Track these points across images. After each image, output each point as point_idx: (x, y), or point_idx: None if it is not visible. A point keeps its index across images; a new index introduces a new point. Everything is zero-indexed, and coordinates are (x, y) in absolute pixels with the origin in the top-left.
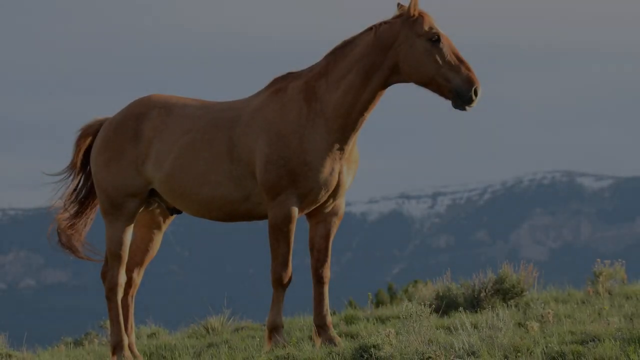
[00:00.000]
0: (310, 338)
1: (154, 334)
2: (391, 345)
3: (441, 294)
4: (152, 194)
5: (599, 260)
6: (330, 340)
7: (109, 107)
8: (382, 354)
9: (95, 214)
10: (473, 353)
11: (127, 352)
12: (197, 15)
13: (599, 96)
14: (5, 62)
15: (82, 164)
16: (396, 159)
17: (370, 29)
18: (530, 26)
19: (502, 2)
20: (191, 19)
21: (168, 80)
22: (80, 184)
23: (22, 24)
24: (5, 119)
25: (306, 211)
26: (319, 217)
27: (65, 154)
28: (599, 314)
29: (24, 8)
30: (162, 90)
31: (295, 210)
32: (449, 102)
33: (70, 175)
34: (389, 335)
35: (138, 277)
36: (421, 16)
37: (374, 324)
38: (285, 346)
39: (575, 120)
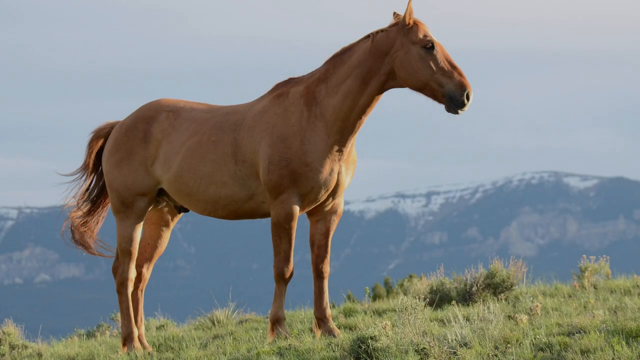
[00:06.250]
0: (311, 330)
1: (163, 326)
2: (387, 336)
3: (435, 288)
4: (161, 193)
5: (584, 256)
6: (330, 332)
7: (119, 110)
8: (379, 345)
9: (106, 212)
10: (465, 344)
11: (137, 343)
12: (203, 23)
13: (585, 100)
14: (21, 66)
15: (94, 165)
16: (392, 160)
17: (368, 36)
18: (521, 33)
19: (495, 9)
20: (198, 27)
21: (176, 85)
22: (92, 184)
23: (36, 29)
24: (21, 122)
25: (307, 209)
26: (319, 215)
27: (78, 155)
28: (585, 307)
29: (37, 13)
30: (171, 95)
31: (296, 208)
32: (442, 106)
33: (83, 175)
34: (385, 327)
35: (147, 272)
36: (416, 24)
37: (371, 316)
38: (287, 338)
39: (562, 123)
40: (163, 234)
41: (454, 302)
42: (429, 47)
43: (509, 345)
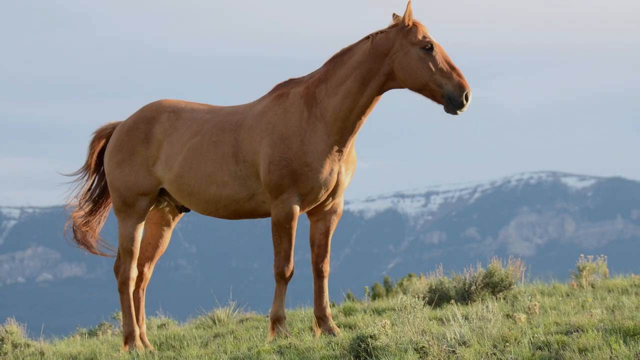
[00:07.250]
0: (311, 329)
1: (164, 324)
2: (387, 335)
3: (434, 287)
4: (162, 193)
5: (582, 255)
6: (330, 331)
7: (121, 110)
8: (378, 343)
9: (108, 212)
10: (464, 343)
11: (138, 342)
12: (203, 24)
13: (583, 100)
14: (23, 68)
15: (96, 165)
16: (392, 160)
17: (367, 37)
18: (521, 33)
19: (494, 8)
20: (198, 29)
21: (177, 86)
22: (94, 184)
23: (36, 29)
24: (23, 122)
25: (307, 209)
26: (319, 214)
27: (80, 155)
28: (583, 306)
29: (38, 14)
30: (172, 95)
31: (296, 208)
32: (441, 107)
33: (85, 175)
34: (384, 326)
35: (149, 271)
36: (415, 26)
37: (370, 315)
38: (287, 336)
39: (560, 124)
40: (164, 234)
41: (452, 301)
42: (428, 48)
43: (507, 343)
